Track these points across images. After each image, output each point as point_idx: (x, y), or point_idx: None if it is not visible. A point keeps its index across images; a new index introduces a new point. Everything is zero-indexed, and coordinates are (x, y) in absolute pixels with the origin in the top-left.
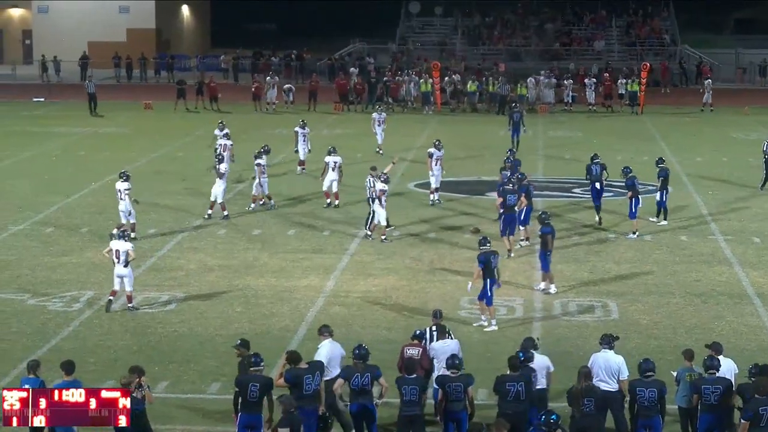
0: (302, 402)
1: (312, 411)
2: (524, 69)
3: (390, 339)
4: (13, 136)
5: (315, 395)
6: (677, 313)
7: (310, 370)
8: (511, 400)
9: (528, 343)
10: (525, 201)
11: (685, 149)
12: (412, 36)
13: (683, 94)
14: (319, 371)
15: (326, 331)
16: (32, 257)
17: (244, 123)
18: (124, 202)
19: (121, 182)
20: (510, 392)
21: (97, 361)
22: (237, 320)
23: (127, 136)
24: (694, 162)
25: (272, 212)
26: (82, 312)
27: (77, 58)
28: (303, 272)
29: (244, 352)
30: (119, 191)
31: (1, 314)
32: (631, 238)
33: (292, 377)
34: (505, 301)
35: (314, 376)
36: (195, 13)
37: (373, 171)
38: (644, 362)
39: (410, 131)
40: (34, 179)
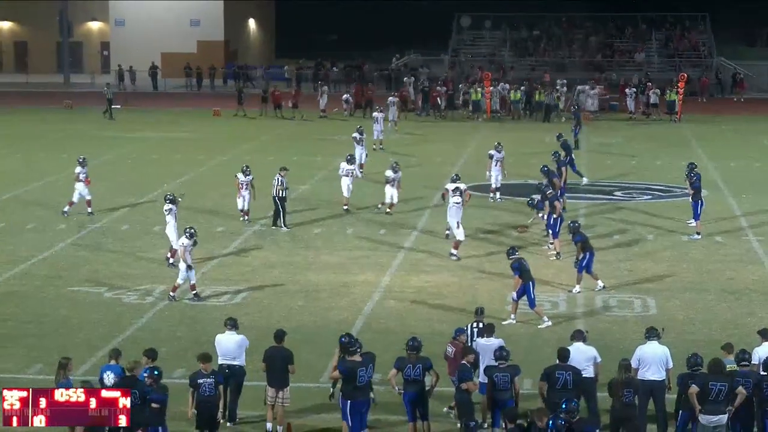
0: (355, 393)
1: (364, 401)
2: (569, 80)
3: (441, 332)
4: (92, 140)
5: (367, 386)
6: (712, 309)
7: (363, 363)
8: (560, 388)
9: (578, 334)
10: (549, 209)
11: (720, 155)
12: (464, 48)
13: (719, 104)
14: (371, 363)
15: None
16: (109, 253)
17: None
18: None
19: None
20: (558, 381)
21: (168, 351)
22: (298, 313)
23: (197, 141)
24: (728, 167)
25: (331, 213)
26: (155, 304)
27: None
28: (360, 269)
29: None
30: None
31: (80, 306)
32: (693, 238)
33: (346, 370)
34: (548, 297)
35: (367, 369)
36: (261, 26)
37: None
38: (693, 357)
39: (462, 137)
40: (111, 181)
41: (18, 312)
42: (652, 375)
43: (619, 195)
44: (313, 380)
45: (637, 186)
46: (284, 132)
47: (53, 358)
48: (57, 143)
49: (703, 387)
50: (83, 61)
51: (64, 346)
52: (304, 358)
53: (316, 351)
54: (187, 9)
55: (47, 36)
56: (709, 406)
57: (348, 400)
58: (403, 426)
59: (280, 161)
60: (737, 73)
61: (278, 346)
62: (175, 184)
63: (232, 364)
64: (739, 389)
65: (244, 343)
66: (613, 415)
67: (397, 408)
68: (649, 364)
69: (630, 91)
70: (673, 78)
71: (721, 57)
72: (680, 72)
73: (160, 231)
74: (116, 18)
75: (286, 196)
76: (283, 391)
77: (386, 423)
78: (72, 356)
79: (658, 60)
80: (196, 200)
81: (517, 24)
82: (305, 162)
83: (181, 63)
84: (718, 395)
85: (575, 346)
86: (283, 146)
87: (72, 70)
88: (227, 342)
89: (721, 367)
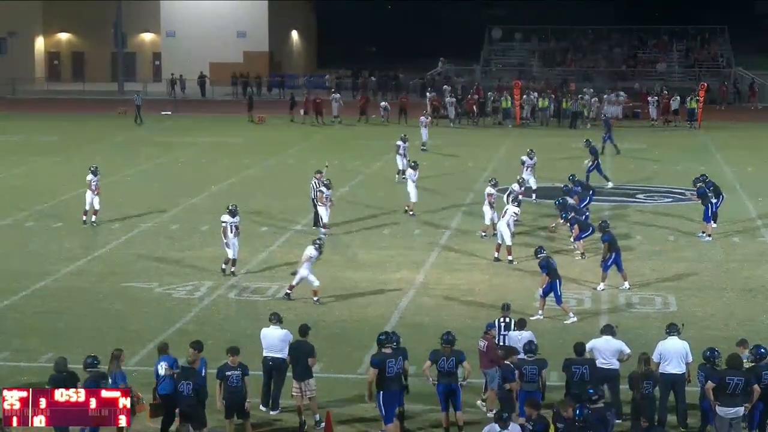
0: (386, 384)
1: (395, 391)
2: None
3: (473, 327)
4: (145, 145)
5: (397, 378)
6: (730, 307)
7: (392, 355)
8: (577, 381)
9: (607, 329)
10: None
11: (738, 161)
12: (494, 58)
13: (737, 111)
14: (402, 356)
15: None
16: (160, 251)
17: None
18: (232, 235)
19: (228, 216)
20: (575, 374)
21: (215, 343)
22: (338, 308)
23: (243, 146)
24: (746, 172)
25: (369, 214)
26: (203, 299)
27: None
28: (396, 266)
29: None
30: (226, 224)
31: (133, 301)
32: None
33: (377, 361)
34: (574, 294)
35: (396, 360)
36: (303, 37)
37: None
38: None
39: (492, 142)
40: (163, 183)
41: (74, 306)
42: (673, 369)
43: (642, 198)
44: (351, 371)
45: (659, 189)
46: (324, 137)
47: (107, 350)
48: (112, 148)
49: (721, 381)
50: (136, 71)
51: (118, 339)
52: (343, 350)
53: (353, 344)
54: (234, 21)
55: (103, 47)
56: (727, 399)
57: (380, 390)
58: (437, 415)
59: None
60: (754, 83)
61: (302, 340)
62: (223, 185)
63: (275, 356)
64: (755, 387)
65: (288, 338)
66: (634, 406)
67: (430, 398)
68: (670, 359)
69: (652, 99)
70: (693, 87)
71: (739, 67)
72: (700, 81)
73: (208, 230)
74: (167, 30)
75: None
76: (306, 383)
77: (421, 412)
78: (125, 348)
79: (678, 70)
80: (243, 201)
81: (546, 36)
82: (345, 166)
83: (228, 72)
84: (735, 389)
85: (605, 339)
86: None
87: (126, 78)
88: (272, 336)
89: (739, 361)
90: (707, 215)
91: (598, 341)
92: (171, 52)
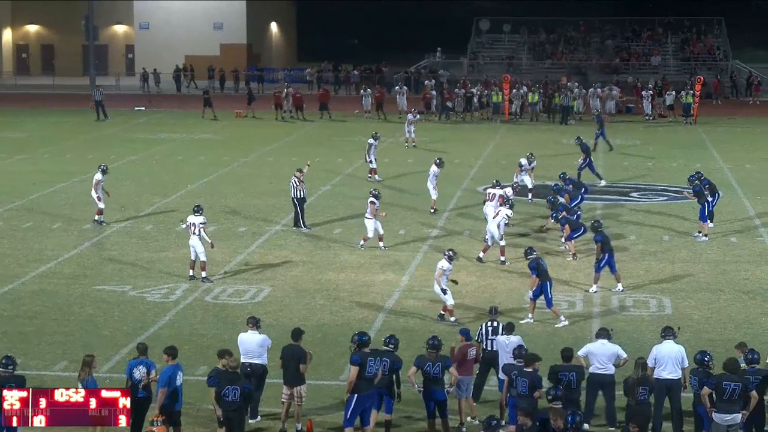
0: (362, 386)
1: (369, 396)
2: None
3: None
4: (117, 141)
5: (374, 379)
6: (727, 309)
7: (374, 355)
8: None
9: (602, 333)
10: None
11: (736, 157)
12: (482, 51)
13: (734, 106)
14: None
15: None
16: (133, 253)
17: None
18: (196, 237)
19: (194, 216)
20: (562, 381)
21: (191, 348)
22: (319, 312)
23: (220, 142)
24: (743, 169)
25: (352, 213)
26: (178, 303)
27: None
28: (380, 268)
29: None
30: (192, 225)
31: (104, 304)
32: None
33: (358, 358)
34: (566, 297)
35: (377, 361)
36: (283, 30)
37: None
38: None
39: (480, 138)
40: (137, 181)
41: (44, 310)
42: (669, 374)
43: (636, 196)
44: (333, 378)
45: (654, 187)
46: (305, 133)
47: (78, 356)
48: (83, 144)
49: (717, 386)
50: (108, 64)
51: (89, 344)
52: (325, 356)
53: (336, 349)
54: (210, 13)
55: (73, 39)
56: (724, 405)
57: (355, 393)
58: (422, 423)
59: (300, 163)
60: (752, 76)
61: (294, 344)
62: (199, 184)
63: (254, 362)
64: (752, 393)
65: (266, 343)
66: (629, 412)
67: (416, 405)
68: (665, 363)
69: (646, 93)
70: (687, 81)
71: (736, 60)
72: (696, 75)
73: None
74: (140, 22)
75: (304, 196)
76: (297, 389)
77: (405, 419)
78: (96, 353)
79: (674, 63)
80: (220, 200)
81: (536, 28)
82: (326, 163)
83: (205, 65)
84: (732, 394)
85: (600, 343)
86: (304, 147)
87: (97, 72)
88: (249, 341)
89: (736, 365)
90: (703, 214)
91: (593, 345)
92: (144, 45)
